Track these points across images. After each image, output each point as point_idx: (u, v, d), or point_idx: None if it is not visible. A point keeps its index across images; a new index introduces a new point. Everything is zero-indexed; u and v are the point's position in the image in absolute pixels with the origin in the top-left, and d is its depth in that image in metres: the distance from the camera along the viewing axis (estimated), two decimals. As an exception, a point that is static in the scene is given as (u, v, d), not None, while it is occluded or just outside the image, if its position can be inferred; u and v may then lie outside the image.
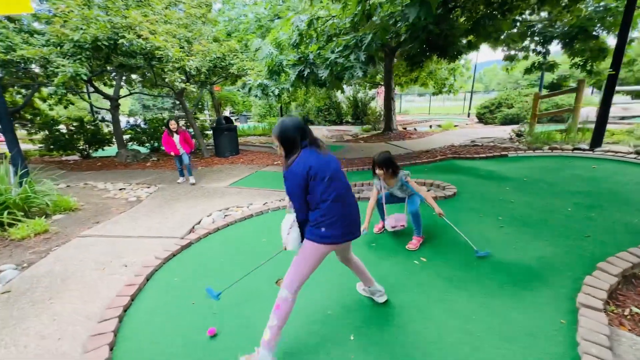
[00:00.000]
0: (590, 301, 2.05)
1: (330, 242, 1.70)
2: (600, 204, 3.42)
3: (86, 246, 3.21)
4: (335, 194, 1.68)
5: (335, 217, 1.68)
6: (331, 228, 1.68)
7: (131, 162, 8.24)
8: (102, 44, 4.51)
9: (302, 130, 1.69)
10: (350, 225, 1.77)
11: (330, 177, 1.68)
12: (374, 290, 2.15)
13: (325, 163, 1.69)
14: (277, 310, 1.69)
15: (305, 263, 1.74)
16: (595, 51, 5.64)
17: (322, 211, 1.68)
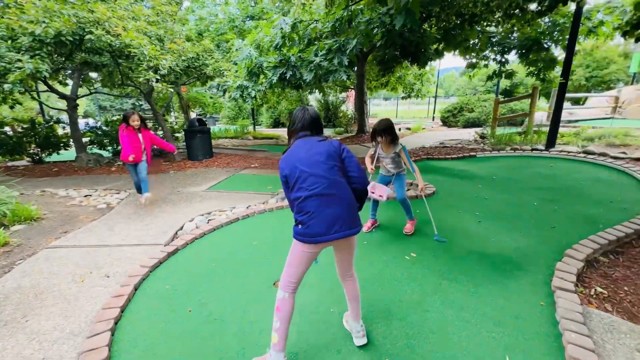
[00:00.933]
0: (564, 284, 2.29)
1: (307, 241, 1.58)
2: (560, 198, 3.81)
3: (57, 258, 2.94)
4: (310, 191, 1.57)
5: (310, 215, 1.57)
6: (306, 227, 1.57)
7: (94, 167, 7.65)
8: (67, 39, 4.16)
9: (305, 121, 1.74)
10: (332, 225, 1.56)
11: (308, 174, 1.58)
12: (353, 328, 1.87)
13: (306, 158, 1.61)
14: (277, 312, 1.65)
15: (291, 261, 1.67)
16: (547, 61, 6.28)
17: (298, 208, 1.61)
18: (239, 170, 6.99)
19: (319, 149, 1.65)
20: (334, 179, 1.62)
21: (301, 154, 1.64)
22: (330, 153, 1.66)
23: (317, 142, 1.69)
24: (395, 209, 3.81)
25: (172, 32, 6.04)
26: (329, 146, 1.68)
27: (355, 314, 1.85)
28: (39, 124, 8.58)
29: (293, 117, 1.78)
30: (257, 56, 4.82)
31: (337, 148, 1.70)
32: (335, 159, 1.66)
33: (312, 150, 1.65)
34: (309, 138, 1.71)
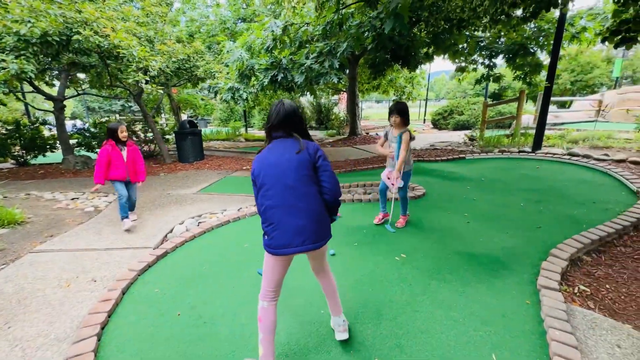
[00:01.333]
0: (548, 283, 2.35)
1: (272, 252, 1.54)
2: (546, 199, 3.91)
3: (43, 262, 2.88)
4: (274, 200, 1.52)
5: (273, 226, 1.52)
6: (270, 238, 1.53)
7: (81, 170, 7.51)
8: (53, 40, 4.08)
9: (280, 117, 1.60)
10: (295, 237, 1.51)
11: (274, 181, 1.52)
12: (334, 323, 1.88)
13: (276, 164, 1.54)
14: (260, 323, 1.61)
15: (265, 270, 1.64)
16: (533, 66, 6.45)
17: (263, 217, 1.57)
18: (231, 173, 6.96)
19: (291, 155, 1.55)
20: (302, 190, 1.53)
21: (272, 159, 1.56)
22: (302, 161, 1.55)
23: (291, 146, 1.58)
24: (395, 210, 3.85)
25: (163, 34, 5.99)
26: (303, 153, 1.57)
27: (335, 309, 1.86)
28: (24, 126, 8.38)
29: (270, 111, 1.65)
30: (248, 58, 4.82)
31: (312, 156, 1.59)
32: (307, 168, 1.56)
33: (284, 157, 1.55)
34: (285, 140, 1.61)
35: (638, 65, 18.84)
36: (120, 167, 3.59)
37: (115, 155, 3.55)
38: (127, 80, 4.83)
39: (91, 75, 7.37)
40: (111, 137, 3.54)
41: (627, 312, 2.12)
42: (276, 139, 1.62)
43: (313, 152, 1.60)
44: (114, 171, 3.58)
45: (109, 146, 3.51)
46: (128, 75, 4.75)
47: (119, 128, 3.57)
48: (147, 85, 4.92)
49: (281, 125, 1.61)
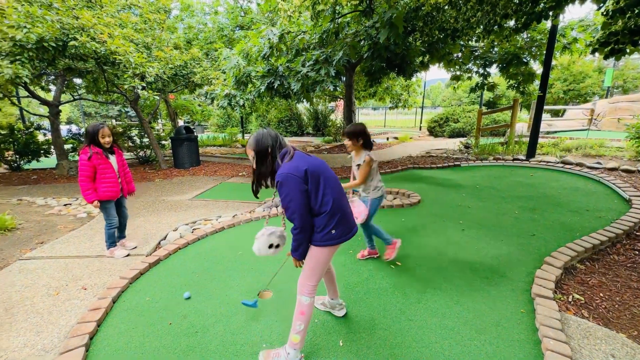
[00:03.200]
0: (542, 291, 2.34)
1: (341, 241, 1.70)
2: (540, 207, 3.93)
3: (32, 270, 2.82)
4: (335, 192, 1.67)
5: (339, 215, 1.67)
6: (338, 227, 1.67)
7: (75, 175, 7.43)
8: (49, 45, 4.08)
9: (277, 140, 1.65)
10: (351, 221, 1.77)
11: (327, 176, 1.66)
12: (334, 303, 2.16)
13: (317, 163, 1.66)
14: (302, 315, 1.73)
15: (316, 267, 1.73)
16: (527, 75, 6.55)
17: (329, 213, 1.62)
18: (226, 179, 6.93)
19: (316, 158, 1.73)
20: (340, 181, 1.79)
21: (310, 160, 1.65)
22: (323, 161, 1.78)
23: (306, 154, 1.72)
24: (381, 217, 3.84)
25: (160, 40, 6.02)
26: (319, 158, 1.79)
27: (335, 290, 2.13)
28: (18, 130, 8.32)
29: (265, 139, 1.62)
30: (245, 65, 4.85)
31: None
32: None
33: (314, 158, 1.70)
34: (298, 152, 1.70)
35: (628, 75, 19.23)
36: (112, 181, 2.92)
37: (103, 166, 2.86)
38: (124, 85, 4.82)
39: (87, 81, 7.36)
40: (92, 142, 2.82)
41: (621, 320, 2.12)
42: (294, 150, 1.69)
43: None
44: (104, 188, 2.88)
45: (94, 154, 2.80)
46: (124, 81, 4.74)
47: (99, 131, 2.82)
48: (143, 91, 4.92)
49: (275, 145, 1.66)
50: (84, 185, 2.84)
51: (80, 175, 2.83)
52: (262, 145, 1.62)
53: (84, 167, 2.81)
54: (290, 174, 1.55)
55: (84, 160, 2.81)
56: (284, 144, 1.69)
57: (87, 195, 2.86)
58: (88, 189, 2.86)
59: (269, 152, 1.63)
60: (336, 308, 2.16)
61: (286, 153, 1.64)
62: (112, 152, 3.02)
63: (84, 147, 2.88)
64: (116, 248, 3.13)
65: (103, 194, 2.92)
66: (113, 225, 3.05)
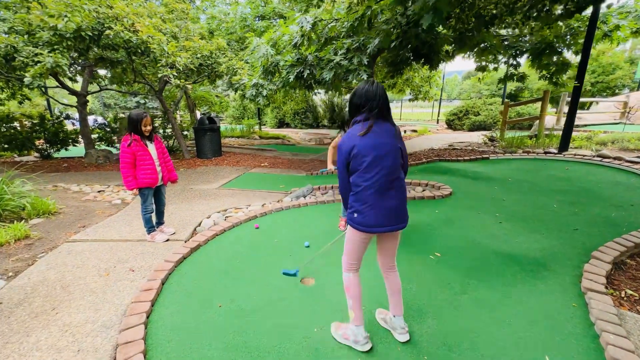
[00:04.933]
0: (594, 286, 2.28)
1: (362, 229, 1.64)
2: (579, 201, 3.80)
3: (80, 252, 2.93)
4: (373, 180, 1.58)
5: (368, 204, 1.60)
6: (363, 216, 1.62)
7: (103, 164, 7.66)
8: (86, 34, 4.16)
9: (371, 101, 1.59)
10: (386, 217, 1.62)
11: (373, 161, 1.57)
12: (396, 324, 1.84)
13: (374, 145, 1.56)
14: (347, 291, 1.77)
15: (349, 245, 1.75)
16: (560, 65, 6.27)
17: (357, 196, 1.63)
18: (249, 169, 7.00)
19: (384, 139, 1.60)
20: (395, 174, 1.64)
21: (372, 142, 1.57)
22: (397, 148, 1.64)
23: (389, 131, 1.63)
24: (413, 208, 3.80)
25: (187, 30, 6.05)
26: (398, 140, 1.66)
27: (399, 308, 1.85)
28: (48, 120, 8.59)
29: (359, 91, 1.63)
30: (273, 54, 4.83)
31: (401, 142, 1.69)
32: (400, 155, 1.67)
33: (378, 139, 1.58)
34: (382, 124, 1.62)
35: (662, 67, 18.20)
36: (150, 168, 2.96)
37: (142, 154, 2.90)
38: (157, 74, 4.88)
39: (114, 72, 7.50)
40: (133, 130, 2.86)
41: (682, 317, 2.04)
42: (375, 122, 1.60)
43: (399, 137, 1.69)
44: (143, 175, 2.92)
45: (133, 142, 2.84)
46: (158, 70, 4.80)
47: (142, 119, 2.86)
48: (176, 80, 4.98)
49: (378, 108, 1.60)
50: (125, 172, 2.89)
51: (122, 162, 2.88)
52: (352, 101, 1.70)
53: (124, 154, 2.87)
54: (340, 146, 1.65)
55: (125, 148, 2.86)
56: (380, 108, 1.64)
57: (127, 182, 2.90)
58: (128, 176, 2.90)
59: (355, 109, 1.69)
60: (397, 330, 1.84)
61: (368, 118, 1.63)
62: (151, 140, 3.05)
63: (125, 135, 2.92)
64: (156, 233, 3.22)
65: (142, 181, 2.96)
66: (148, 211, 3.11)
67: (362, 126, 1.60)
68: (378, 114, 1.60)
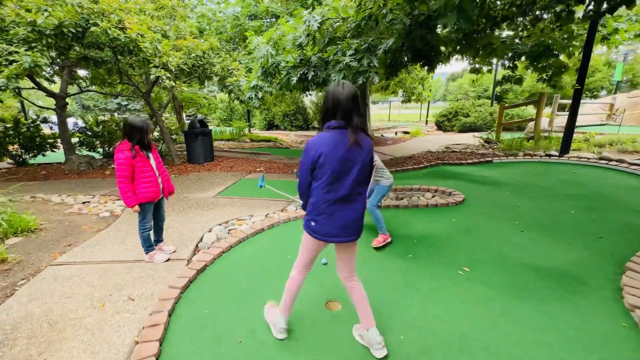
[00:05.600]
0: (639, 302, 2.15)
1: (317, 237, 1.66)
2: (596, 206, 3.73)
3: (68, 277, 2.58)
4: (334, 193, 1.58)
5: (326, 215, 1.61)
6: (319, 225, 1.63)
7: (86, 170, 7.14)
8: (69, 31, 3.76)
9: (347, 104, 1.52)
10: (342, 229, 1.62)
11: (337, 176, 1.56)
12: (371, 338, 1.73)
13: (343, 159, 1.54)
14: (287, 284, 1.85)
15: (303, 248, 1.78)
16: (558, 68, 6.29)
17: (315, 205, 1.63)
18: (245, 175, 6.68)
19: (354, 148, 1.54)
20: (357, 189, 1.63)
21: (338, 153, 1.53)
22: (365, 160, 1.60)
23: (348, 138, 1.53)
24: (430, 217, 3.63)
25: (177, 29, 5.69)
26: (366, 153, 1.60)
27: (370, 319, 1.77)
28: (23, 124, 7.97)
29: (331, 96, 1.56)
30: (274, 55, 4.56)
31: (370, 154, 1.63)
32: (367, 168, 1.64)
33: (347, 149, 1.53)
34: (344, 131, 1.54)
35: (638, 70, 19.06)
36: (151, 180, 2.66)
37: (142, 165, 2.59)
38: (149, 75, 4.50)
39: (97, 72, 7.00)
40: (138, 141, 2.56)
41: None
42: (335, 129, 1.55)
43: (369, 148, 1.62)
44: (144, 188, 2.62)
45: (132, 152, 2.51)
46: (149, 71, 4.43)
47: (150, 127, 2.63)
48: (169, 81, 4.61)
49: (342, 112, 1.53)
50: (124, 187, 2.55)
51: (119, 176, 2.53)
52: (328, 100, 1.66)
53: (123, 167, 2.51)
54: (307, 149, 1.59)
55: (123, 159, 2.50)
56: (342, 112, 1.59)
57: (127, 198, 2.57)
58: (128, 192, 2.56)
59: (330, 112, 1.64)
60: (374, 346, 1.71)
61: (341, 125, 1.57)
62: (150, 150, 2.74)
63: (121, 143, 2.55)
64: (155, 252, 2.88)
65: (143, 195, 2.63)
66: (147, 228, 2.77)
67: (334, 134, 1.54)
68: (349, 120, 1.53)
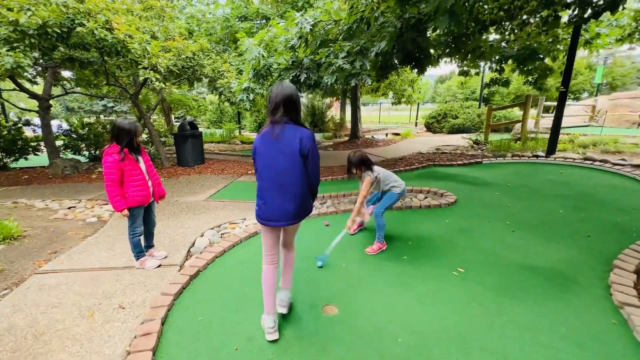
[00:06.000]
0: (628, 299, 2.20)
1: (260, 222, 1.85)
2: (583, 206, 3.83)
3: (54, 286, 2.48)
4: (266, 181, 1.79)
5: (263, 201, 1.81)
6: (260, 210, 1.84)
7: (71, 174, 6.92)
8: (53, 31, 3.64)
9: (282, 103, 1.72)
10: (277, 214, 1.80)
11: (264, 166, 1.78)
12: (281, 297, 2.09)
13: (268, 152, 1.75)
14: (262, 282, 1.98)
15: (262, 237, 1.96)
16: (543, 70, 6.47)
17: (258, 191, 1.85)
18: (237, 177, 6.60)
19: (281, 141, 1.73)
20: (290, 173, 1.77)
21: (268, 140, 1.75)
22: (294, 149, 1.73)
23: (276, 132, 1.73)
24: (424, 218, 3.66)
25: (166, 29, 5.59)
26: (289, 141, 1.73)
27: (288, 283, 2.12)
28: (4, 126, 7.69)
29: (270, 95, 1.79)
30: (265, 57, 4.53)
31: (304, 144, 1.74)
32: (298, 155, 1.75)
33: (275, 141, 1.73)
34: (277, 126, 1.73)
35: (616, 73, 19.80)
36: (142, 184, 2.60)
37: (131, 168, 2.53)
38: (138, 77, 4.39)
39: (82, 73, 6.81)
40: (128, 144, 2.50)
41: None
42: (270, 124, 1.77)
43: (303, 140, 1.74)
44: (134, 192, 2.55)
45: (120, 155, 2.44)
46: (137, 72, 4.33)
47: (138, 129, 2.57)
48: (160, 83, 4.52)
49: (277, 109, 1.73)
50: (112, 190, 2.47)
51: (107, 180, 2.45)
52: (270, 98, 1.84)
53: (111, 170, 2.44)
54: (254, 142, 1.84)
55: (111, 162, 2.43)
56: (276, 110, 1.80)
57: (115, 203, 2.49)
58: (116, 195, 2.48)
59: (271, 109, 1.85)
60: (278, 303, 2.06)
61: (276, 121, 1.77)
62: (139, 153, 2.67)
63: (109, 146, 2.48)
64: (146, 258, 2.80)
65: (133, 199, 2.56)
66: (137, 233, 2.69)
67: (267, 129, 1.77)
68: (277, 117, 1.73)
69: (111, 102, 20.10)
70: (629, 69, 20.40)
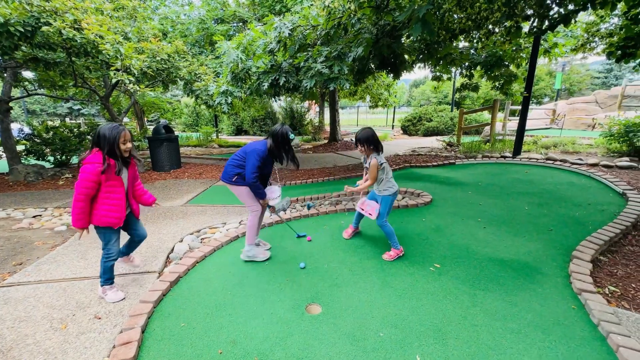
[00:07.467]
0: (585, 286, 2.41)
1: None
2: (546, 202, 4.13)
3: (21, 299, 2.34)
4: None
5: None
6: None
7: (34, 181, 6.52)
8: (16, 30, 3.44)
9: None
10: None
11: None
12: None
13: None
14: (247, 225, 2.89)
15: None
16: (508, 76, 6.91)
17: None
18: (215, 182, 6.49)
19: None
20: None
21: None
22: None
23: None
24: (403, 217, 3.79)
25: (139, 30, 5.43)
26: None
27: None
28: (-44, 131, 7.09)
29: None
30: (244, 60, 4.52)
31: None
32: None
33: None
34: None
35: (573, 79, 21.44)
36: (118, 205, 2.21)
37: (109, 184, 2.15)
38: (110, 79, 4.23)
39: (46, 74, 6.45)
40: (109, 153, 2.10)
41: (664, 310, 2.23)
42: None
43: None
44: (105, 211, 2.17)
45: (102, 165, 2.06)
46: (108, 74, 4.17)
47: (121, 135, 2.12)
48: (134, 86, 4.37)
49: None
50: (79, 205, 2.08)
51: (78, 192, 2.06)
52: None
53: (86, 183, 2.05)
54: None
55: (89, 173, 2.04)
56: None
57: (77, 218, 2.10)
58: (81, 212, 2.09)
59: None
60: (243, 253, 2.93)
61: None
62: (127, 165, 2.29)
63: (90, 155, 2.10)
64: (111, 287, 2.35)
65: (101, 219, 2.16)
66: (111, 257, 2.30)
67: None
68: None
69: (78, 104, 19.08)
70: (584, 76, 22.12)
